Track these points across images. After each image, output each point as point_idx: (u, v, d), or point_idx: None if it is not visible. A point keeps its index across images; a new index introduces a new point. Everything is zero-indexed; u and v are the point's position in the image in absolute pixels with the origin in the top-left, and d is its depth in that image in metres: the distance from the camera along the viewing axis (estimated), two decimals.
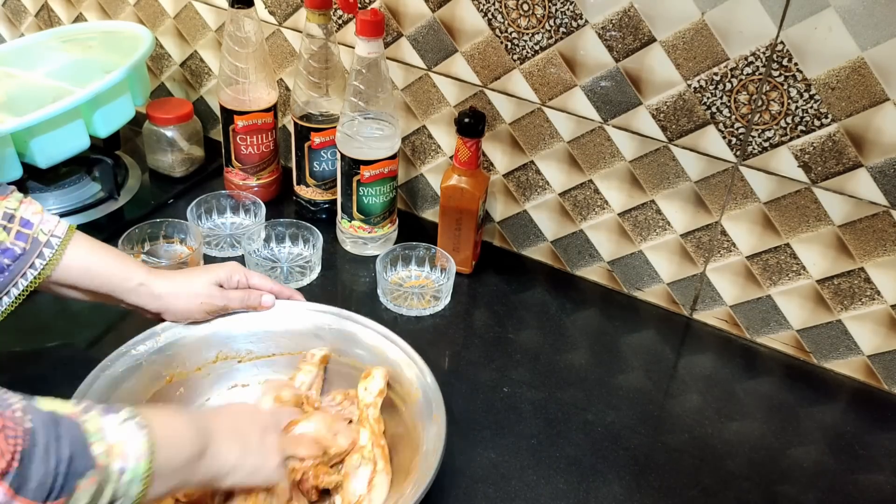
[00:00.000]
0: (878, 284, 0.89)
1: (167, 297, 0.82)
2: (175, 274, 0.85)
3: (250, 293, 0.86)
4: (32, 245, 0.76)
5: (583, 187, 1.02)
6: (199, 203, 1.08)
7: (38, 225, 0.77)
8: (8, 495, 0.48)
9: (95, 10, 1.32)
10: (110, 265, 0.81)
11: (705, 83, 0.88)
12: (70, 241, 0.78)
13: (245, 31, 1.04)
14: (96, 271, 0.80)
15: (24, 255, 0.75)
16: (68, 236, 0.78)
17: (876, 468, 0.86)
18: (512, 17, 0.96)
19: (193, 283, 0.84)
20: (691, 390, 0.94)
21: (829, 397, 0.94)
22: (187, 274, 0.86)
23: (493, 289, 1.06)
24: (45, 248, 0.76)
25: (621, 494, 0.80)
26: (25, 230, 0.76)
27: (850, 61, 0.80)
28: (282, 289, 0.89)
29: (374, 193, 1.03)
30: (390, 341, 0.83)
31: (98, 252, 0.81)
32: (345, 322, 0.86)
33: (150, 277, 0.82)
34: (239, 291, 0.86)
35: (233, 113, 1.08)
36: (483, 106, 1.03)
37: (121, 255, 0.83)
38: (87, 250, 0.80)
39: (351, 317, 0.86)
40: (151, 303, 0.82)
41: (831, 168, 0.86)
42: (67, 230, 0.78)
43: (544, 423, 0.87)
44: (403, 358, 0.81)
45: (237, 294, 0.85)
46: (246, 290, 0.86)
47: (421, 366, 0.80)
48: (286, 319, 0.87)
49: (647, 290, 1.05)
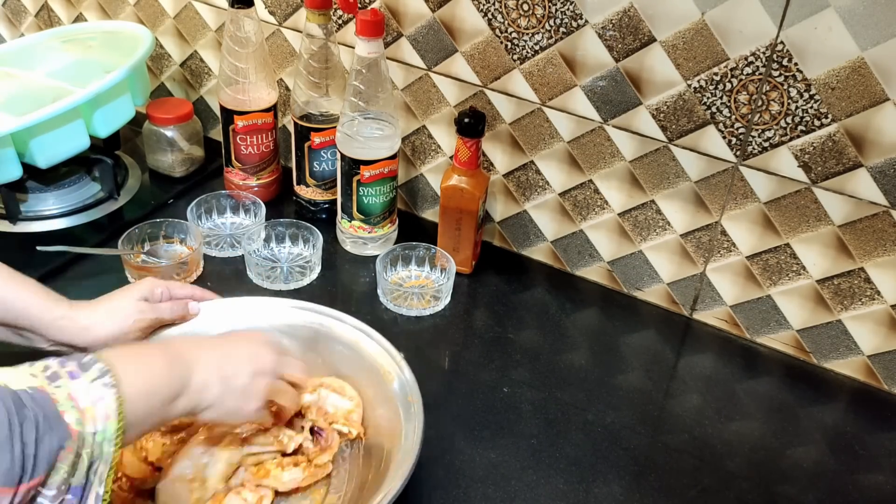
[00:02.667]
0: (878, 284, 0.89)
1: (95, 326, 0.78)
2: (96, 302, 0.81)
3: (176, 303, 0.85)
4: None
5: (583, 187, 1.02)
6: (199, 203, 1.08)
7: None
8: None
9: (95, 10, 1.32)
10: (28, 296, 0.75)
11: (705, 83, 0.88)
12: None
13: (245, 31, 1.04)
14: (12, 302, 0.74)
15: None
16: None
17: (876, 468, 0.86)
18: (512, 17, 0.96)
19: (120, 305, 0.81)
20: (691, 390, 0.94)
21: (829, 397, 0.94)
22: (109, 298, 0.82)
23: (493, 289, 1.06)
24: None
25: (621, 494, 0.80)
26: None
27: (850, 61, 0.80)
28: (203, 293, 0.88)
29: (374, 193, 1.03)
30: (367, 335, 0.83)
31: (14, 282, 0.76)
32: (319, 317, 0.86)
33: (74, 310, 0.78)
34: (167, 303, 0.84)
35: (233, 113, 1.08)
36: (483, 106, 1.03)
37: (40, 287, 0.77)
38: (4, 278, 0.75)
39: (325, 311, 0.86)
40: (79, 336, 0.77)
41: (831, 168, 0.86)
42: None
43: (544, 423, 0.87)
44: (383, 356, 0.81)
45: (166, 306, 0.83)
46: (172, 301, 0.85)
47: (398, 359, 0.80)
48: (257, 317, 0.86)
49: (647, 290, 1.05)
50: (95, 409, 0.56)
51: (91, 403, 0.55)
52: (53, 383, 0.55)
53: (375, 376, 0.81)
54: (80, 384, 0.56)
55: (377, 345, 0.82)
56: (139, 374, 0.61)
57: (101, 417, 0.56)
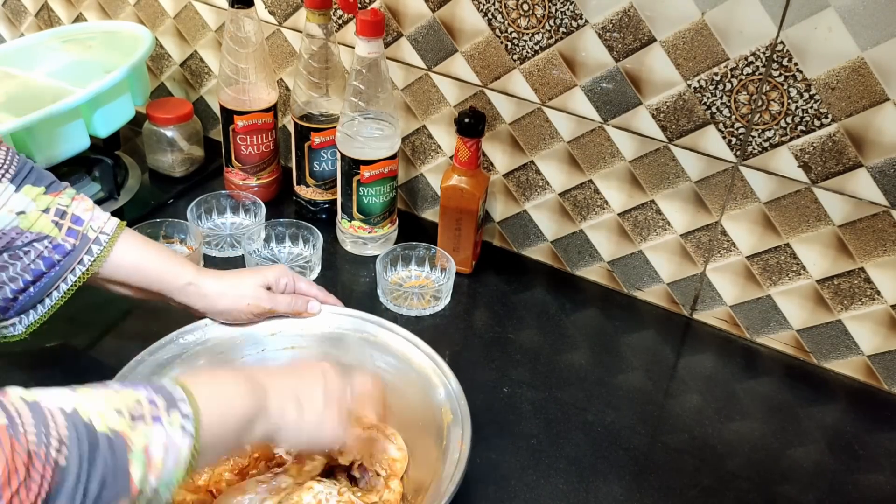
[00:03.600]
0: (878, 284, 0.89)
1: (214, 296, 0.82)
2: (224, 274, 0.85)
3: (297, 298, 0.86)
4: (82, 241, 0.77)
5: (583, 187, 1.02)
6: (199, 203, 1.08)
7: (88, 221, 0.77)
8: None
9: (95, 10, 1.32)
10: (160, 263, 0.81)
11: (705, 83, 0.88)
12: (119, 238, 0.79)
13: (245, 31, 1.04)
14: (145, 269, 0.80)
15: (74, 252, 0.76)
16: (117, 233, 0.79)
17: (876, 468, 0.86)
18: (512, 17, 0.96)
19: (241, 285, 0.84)
20: (691, 390, 0.94)
21: (829, 397, 0.94)
22: (236, 275, 0.86)
23: (493, 289, 1.06)
24: (94, 245, 0.77)
25: (621, 494, 0.80)
26: (76, 226, 0.77)
27: (850, 61, 0.80)
28: (327, 296, 0.89)
29: (374, 193, 1.03)
30: (417, 347, 0.82)
31: (148, 249, 0.82)
32: (366, 325, 0.85)
33: (199, 277, 0.82)
34: (286, 296, 0.86)
35: (233, 113, 1.08)
36: (483, 106, 1.03)
37: (171, 254, 0.84)
38: (137, 248, 0.80)
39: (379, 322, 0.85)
40: (199, 302, 0.82)
41: (831, 168, 0.86)
42: (117, 227, 0.79)
43: (544, 423, 0.87)
44: (431, 366, 0.81)
45: (284, 298, 0.85)
46: (293, 294, 0.86)
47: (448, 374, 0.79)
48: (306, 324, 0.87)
49: (647, 290, 1.05)
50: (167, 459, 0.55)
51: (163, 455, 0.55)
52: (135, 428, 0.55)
53: (423, 384, 0.80)
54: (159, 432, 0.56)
55: (424, 355, 0.82)
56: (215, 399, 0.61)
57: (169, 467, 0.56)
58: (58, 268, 0.76)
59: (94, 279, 0.79)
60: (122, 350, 0.81)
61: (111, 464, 0.53)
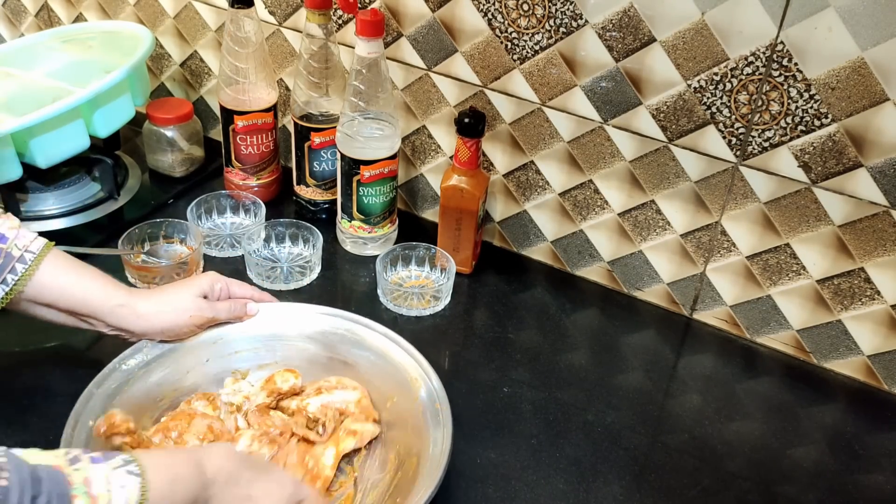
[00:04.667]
0: (878, 284, 0.89)
1: (151, 315, 0.79)
2: (156, 292, 0.82)
3: (235, 303, 0.85)
4: (5, 259, 0.73)
5: (583, 187, 1.02)
6: (199, 203, 1.08)
7: (12, 240, 0.74)
8: None
9: (95, 10, 1.32)
10: (88, 284, 0.77)
11: (705, 83, 0.88)
12: (45, 258, 0.75)
13: (245, 31, 1.04)
14: (73, 290, 0.76)
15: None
16: (43, 252, 0.75)
17: (876, 468, 0.86)
18: (512, 17, 0.96)
19: (178, 298, 0.81)
20: (691, 390, 0.94)
21: (829, 397, 0.94)
22: (169, 290, 0.83)
23: (493, 289, 1.06)
24: (18, 263, 0.73)
25: (621, 494, 0.80)
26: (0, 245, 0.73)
27: (850, 61, 0.80)
28: (262, 295, 0.88)
29: (374, 193, 1.03)
30: (393, 342, 0.83)
31: (77, 270, 0.77)
32: (348, 324, 0.86)
33: (132, 298, 0.79)
34: (225, 302, 0.84)
35: (233, 113, 1.08)
36: (483, 106, 1.03)
37: (102, 275, 0.79)
38: (64, 268, 0.76)
39: (354, 318, 0.86)
40: (135, 323, 0.79)
41: (831, 168, 0.86)
42: (43, 247, 0.75)
43: (544, 423, 0.87)
44: (408, 360, 0.82)
45: (224, 305, 0.84)
46: (230, 300, 0.85)
47: (425, 367, 0.81)
48: (286, 323, 0.87)
49: (647, 290, 1.05)
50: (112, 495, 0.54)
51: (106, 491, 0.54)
52: (73, 465, 0.55)
53: (403, 384, 0.81)
54: (100, 470, 0.55)
55: (405, 352, 0.82)
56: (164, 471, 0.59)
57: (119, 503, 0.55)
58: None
59: (19, 301, 0.75)
60: (122, 350, 0.81)
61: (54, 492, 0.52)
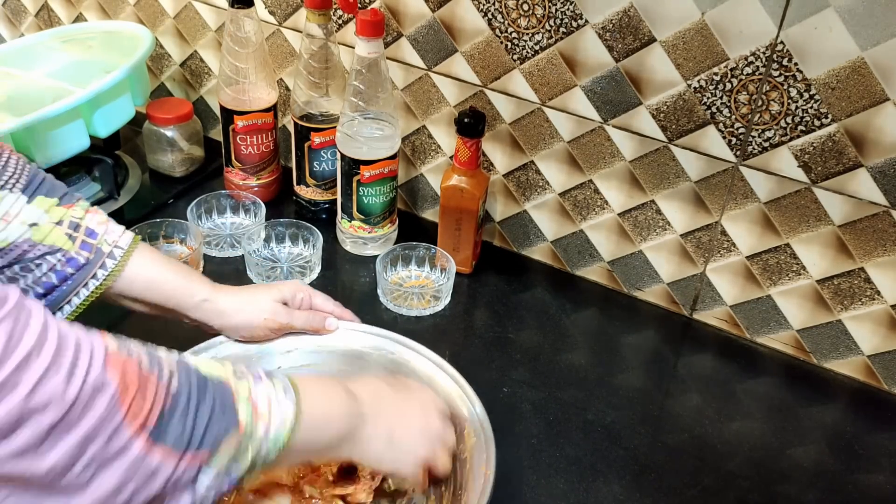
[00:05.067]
0: (878, 284, 0.89)
1: (231, 312, 0.81)
2: (239, 290, 0.84)
3: (314, 314, 0.85)
4: (96, 255, 0.75)
5: (583, 187, 1.02)
6: (199, 203, 1.08)
7: (102, 235, 0.76)
8: (146, 445, 0.50)
9: (95, 10, 1.32)
10: (174, 280, 0.79)
11: (705, 83, 0.88)
12: (133, 253, 0.77)
13: (245, 31, 1.04)
14: (159, 285, 0.79)
15: (87, 266, 0.74)
16: (132, 247, 0.77)
17: (876, 468, 0.86)
18: (512, 17, 0.96)
19: (258, 300, 0.83)
20: (691, 390, 0.94)
21: (829, 397, 0.94)
22: (252, 290, 0.84)
23: (493, 289, 1.06)
24: (108, 259, 0.75)
25: (621, 494, 0.80)
26: (90, 240, 0.75)
27: (850, 61, 0.80)
28: (343, 311, 0.87)
29: (374, 193, 1.03)
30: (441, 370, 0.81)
31: (162, 265, 0.80)
32: (394, 345, 0.83)
33: (215, 293, 0.81)
34: (303, 312, 0.84)
35: (233, 113, 1.08)
36: (483, 106, 1.03)
37: (185, 270, 0.81)
38: (152, 263, 0.79)
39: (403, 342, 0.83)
40: (215, 319, 0.81)
41: (831, 168, 0.86)
42: (132, 241, 0.78)
43: (544, 423, 0.87)
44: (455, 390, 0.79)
45: (301, 314, 0.84)
46: (310, 311, 0.85)
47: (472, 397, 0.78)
48: (333, 341, 0.85)
49: (647, 290, 1.05)
50: (272, 412, 0.58)
51: (267, 408, 0.58)
52: (238, 380, 0.58)
53: None
54: (263, 388, 0.59)
55: (450, 378, 0.80)
56: (317, 406, 0.62)
57: (276, 422, 0.58)
58: (70, 281, 0.74)
59: (108, 294, 0.77)
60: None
61: (219, 399, 0.55)
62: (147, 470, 0.51)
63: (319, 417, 0.62)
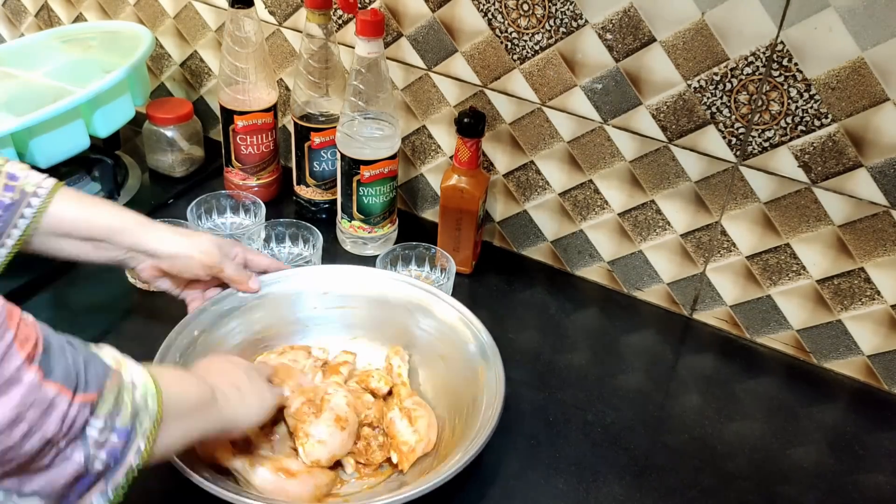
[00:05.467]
0: (878, 284, 0.89)
1: (168, 238, 0.83)
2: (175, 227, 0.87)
3: (243, 269, 0.88)
4: (21, 195, 0.76)
5: (583, 187, 1.02)
6: (199, 203, 1.08)
7: (24, 178, 0.77)
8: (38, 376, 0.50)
9: (95, 10, 1.32)
10: (103, 209, 0.81)
11: (705, 83, 0.88)
12: (58, 191, 0.78)
13: (245, 31, 1.04)
14: (89, 216, 0.80)
15: (14, 205, 0.76)
16: (56, 187, 0.79)
17: (876, 468, 0.86)
18: (512, 17, 0.96)
19: (198, 235, 0.86)
20: (691, 390, 0.94)
21: (829, 397, 0.94)
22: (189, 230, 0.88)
23: (493, 289, 1.06)
24: (33, 198, 0.77)
25: (621, 494, 0.80)
26: (12, 182, 0.76)
27: (850, 61, 0.80)
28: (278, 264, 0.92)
29: (374, 193, 1.03)
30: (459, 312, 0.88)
31: (89, 199, 0.82)
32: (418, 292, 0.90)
33: (149, 220, 0.83)
34: (236, 263, 0.88)
35: (233, 113, 1.08)
36: (483, 106, 1.03)
37: (113, 203, 0.84)
38: (77, 199, 0.80)
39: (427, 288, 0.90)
40: (150, 243, 0.82)
41: (831, 168, 0.86)
42: (55, 183, 0.79)
43: (544, 424, 0.87)
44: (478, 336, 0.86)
45: (233, 264, 0.87)
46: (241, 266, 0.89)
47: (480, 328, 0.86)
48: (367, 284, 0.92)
49: (647, 290, 1.05)
50: (130, 366, 0.59)
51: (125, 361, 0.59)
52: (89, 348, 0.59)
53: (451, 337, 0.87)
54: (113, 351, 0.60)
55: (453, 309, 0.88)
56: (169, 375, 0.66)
57: (138, 375, 0.59)
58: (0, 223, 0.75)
59: (39, 237, 0.78)
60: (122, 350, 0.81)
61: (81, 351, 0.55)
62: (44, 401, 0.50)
63: (177, 385, 0.64)
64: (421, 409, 0.83)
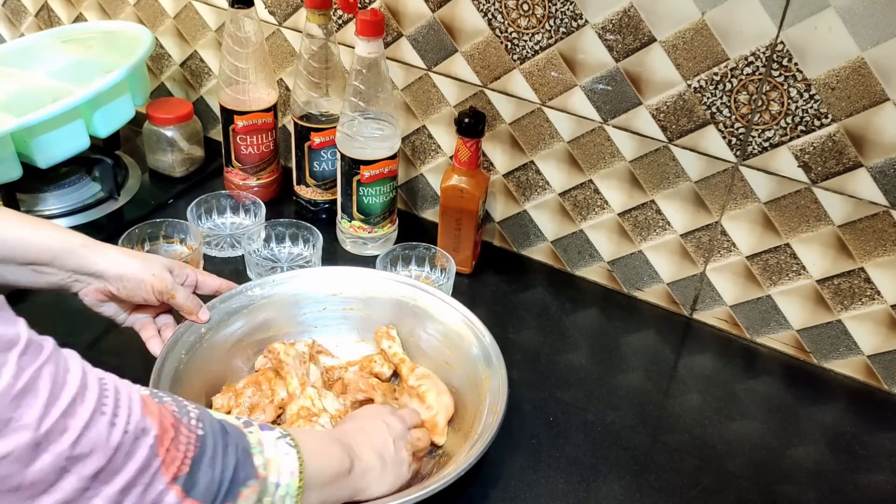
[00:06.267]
0: (878, 284, 0.89)
1: (116, 260, 0.77)
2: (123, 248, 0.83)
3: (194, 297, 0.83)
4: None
5: (583, 187, 1.02)
6: (199, 203, 1.08)
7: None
8: (179, 497, 0.50)
9: (95, 10, 1.32)
10: (45, 230, 0.75)
11: (705, 83, 0.88)
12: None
13: (245, 31, 1.04)
14: (31, 239, 0.73)
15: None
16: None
17: (876, 468, 0.86)
18: (512, 17, 0.96)
19: (148, 258, 0.81)
20: (691, 390, 0.94)
21: (829, 397, 0.94)
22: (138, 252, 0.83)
23: (493, 289, 1.06)
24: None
25: (621, 494, 0.80)
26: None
27: (850, 61, 0.80)
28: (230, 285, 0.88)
29: (374, 193, 1.03)
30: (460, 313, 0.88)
31: (30, 222, 0.75)
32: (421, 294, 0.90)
33: (94, 242, 0.77)
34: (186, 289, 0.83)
35: (233, 113, 1.08)
36: (483, 106, 1.03)
37: (56, 225, 0.78)
38: (18, 220, 0.74)
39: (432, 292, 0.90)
40: (96, 264, 0.76)
41: (831, 168, 0.86)
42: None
43: (544, 423, 0.87)
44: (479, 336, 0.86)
45: (184, 291, 0.82)
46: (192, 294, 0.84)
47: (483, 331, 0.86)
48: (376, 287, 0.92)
49: (647, 290, 1.05)
50: (280, 462, 0.58)
51: (275, 455, 0.58)
52: (248, 427, 0.58)
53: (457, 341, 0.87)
54: (268, 436, 0.60)
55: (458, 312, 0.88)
56: (313, 444, 0.64)
57: (285, 472, 0.58)
58: None
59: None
60: (123, 350, 0.81)
61: (240, 445, 0.56)
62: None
63: (320, 457, 0.63)
64: (425, 382, 0.84)
